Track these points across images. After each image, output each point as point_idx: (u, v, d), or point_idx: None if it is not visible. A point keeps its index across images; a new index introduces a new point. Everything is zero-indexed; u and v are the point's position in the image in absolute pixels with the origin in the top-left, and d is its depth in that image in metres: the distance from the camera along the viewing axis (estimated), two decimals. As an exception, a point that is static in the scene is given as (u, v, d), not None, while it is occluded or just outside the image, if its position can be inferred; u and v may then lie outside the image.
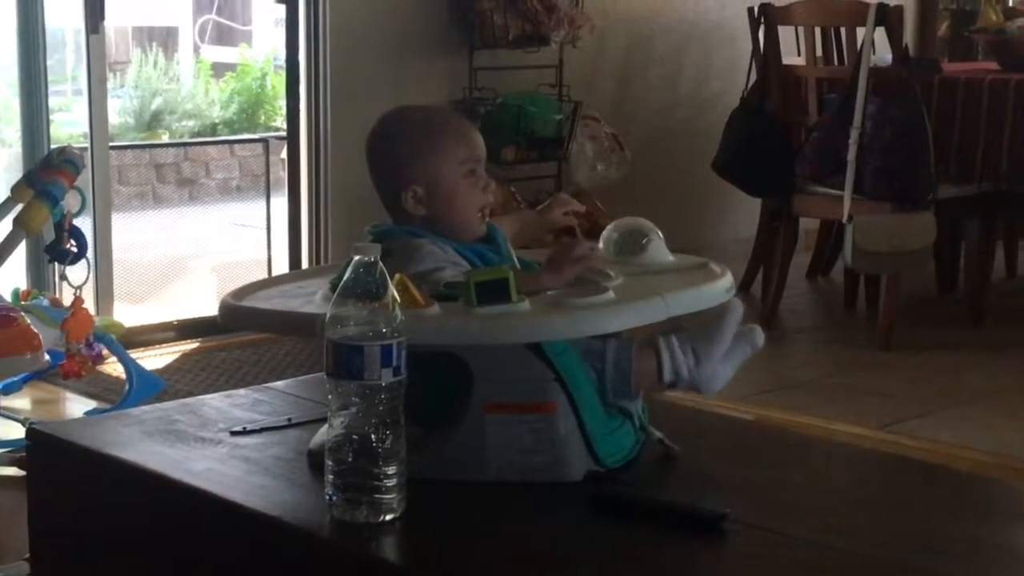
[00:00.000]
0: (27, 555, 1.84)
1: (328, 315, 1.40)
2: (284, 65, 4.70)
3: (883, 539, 1.45)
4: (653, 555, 1.39)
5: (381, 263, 1.40)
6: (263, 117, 8.31)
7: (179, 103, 8.26)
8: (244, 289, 1.75)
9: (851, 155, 4.14)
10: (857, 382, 3.92)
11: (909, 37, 4.53)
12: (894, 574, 1.35)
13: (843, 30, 4.58)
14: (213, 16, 9.43)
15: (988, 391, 3.81)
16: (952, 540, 1.46)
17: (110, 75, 7.35)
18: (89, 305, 3.65)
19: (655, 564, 1.37)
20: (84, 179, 3.74)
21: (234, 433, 1.72)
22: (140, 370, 3.58)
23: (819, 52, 4.61)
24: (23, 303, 3.51)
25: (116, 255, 4.49)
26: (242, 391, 1.93)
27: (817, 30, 4.58)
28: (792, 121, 4.54)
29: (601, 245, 1.79)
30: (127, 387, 3.51)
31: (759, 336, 1.67)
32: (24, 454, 1.89)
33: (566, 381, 1.54)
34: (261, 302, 1.70)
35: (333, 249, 4.51)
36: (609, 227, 1.81)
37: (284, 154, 4.91)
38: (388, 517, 1.41)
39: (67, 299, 3.51)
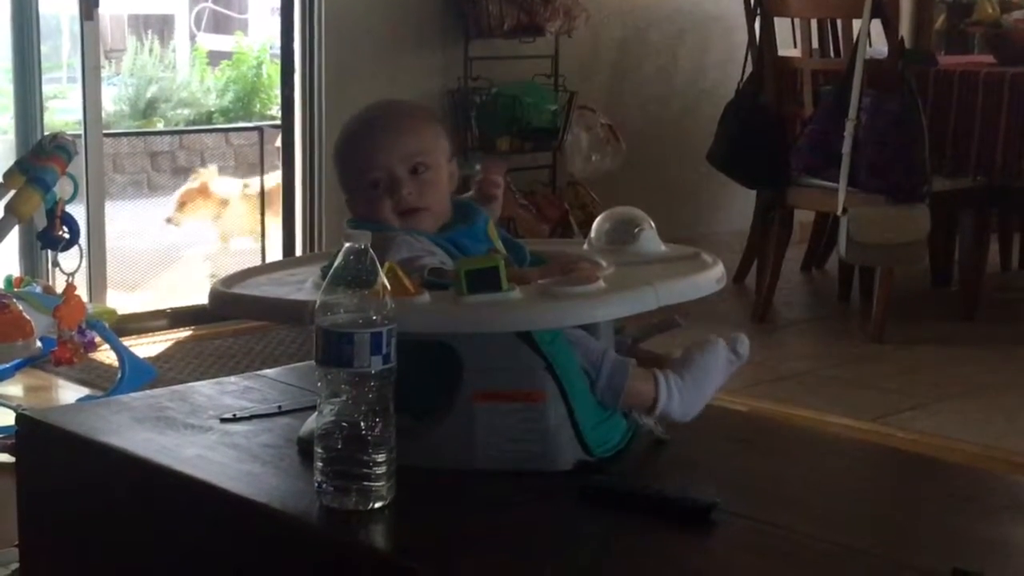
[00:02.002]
0: (17, 542, 1.84)
1: (318, 302, 1.40)
2: (279, 54, 4.69)
3: (873, 531, 1.45)
4: (642, 545, 1.38)
5: (372, 251, 1.40)
6: (258, 106, 8.30)
7: (175, 91, 8.24)
8: (234, 276, 1.75)
9: (846, 147, 4.14)
10: (850, 374, 3.92)
11: (905, 29, 4.52)
12: (883, 566, 1.35)
13: (839, 22, 4.58)
14: (209, 4, 9.41)
15: (981, 384, 3.82)
16: (943, 532, 1.46)
17: (106, 63, 7.35)
18: (82, 292, 3.66)
19: (644, 553, 1.37)
20: (78, 166, 3.74)
21: (224, 420, 1.72)
22: (132, 358, 3.58)
23: (815, 44, 4.61)
24: (15, 290, 3.51)
25: (110, 243, 4.49)
26: (232, 378, 1.92)
27: (813, 22, 4.58)
28: (787, 113, 4.54)
29: (593, 234, 1.79)
30: (119, 375, 3.52)
31: (745, 344, 1.67)
32: (14, 440, 1.89)
33: (556, 370, 1.53)
34: (251, 289, 1.69)
35: (326, 238, 4.50)
36: (601, 216, 1.81)
37: (279, 143, 4.91)
38: (377, 505, 1.41)
39: (60, 286, 3.51)
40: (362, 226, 1.65)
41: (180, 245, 5.84)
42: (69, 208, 3.39)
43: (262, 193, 5.39)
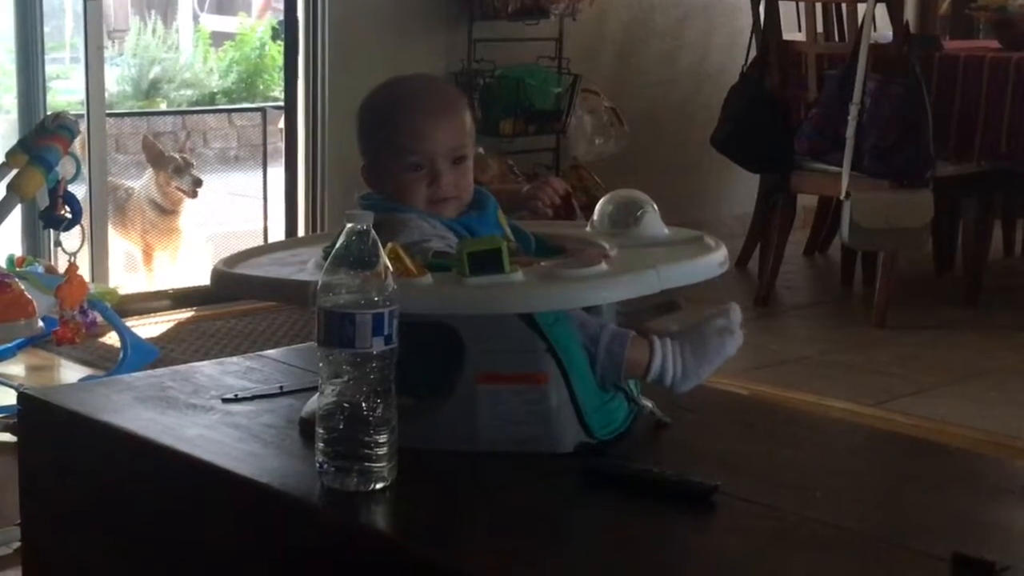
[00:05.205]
0: (18, 521, 1.84)
1: (320, 283, 1.40)
2: (283, 35, 4.68)
3: (873, 514, 1.45)
4: (643, 527, 1.39)
5: (374, 231, 1.39)
6: (261, 87, 8.28)
7: (177, 72, 8.22)
8: (237, 256, 1.75)
9: (850, 132, 4.14)
10: (852, 359, 3.92)
11: (910, 14, 4.50)
12: (884, 549, 1.35)
13: (844, 6, 4.57)
14: (212, -15, 9.39)
15: (983, 369, 3.82)
16: (943, 516, 1.46)
17: (109, 43, 7.32)
18: (84, 272, 3.65)
19: (645, 535, 1.37)
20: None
21: (226, 400, 1.72)
22: (134, 338, 3.58)
23: (820, 28, 4.60)
24: (18, 269, 3.51)
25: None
26: (234, 359, 1.93)
27: (818, 6, 4.57)
28: (791, 97, 4.53)
29: (596, 217, 1.79)
30: (121, 355, 3.52)
31: (737, 341, 1.65)
32: (16, 420, 1.89)
33: (559, 352, 1.53)
34: (253, 269, 1.70)
35: (329, 220, 4.50)
36: (604, 199, 1.80)
37: (282, 124, 4.90)
38: (378, 486, 1.41)
39: (62, 266, 3.51)
40: (377, 201, 1.66)
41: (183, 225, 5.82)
42: (71, 188, 3.39)
43: (264, 175, 5.38)
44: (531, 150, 4.78)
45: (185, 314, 4.24)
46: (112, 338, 3.71)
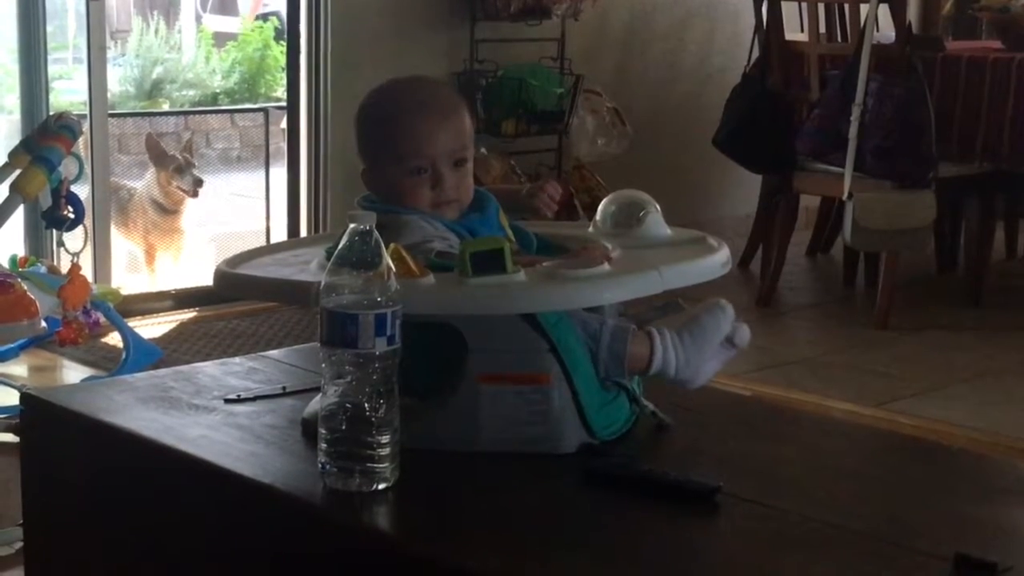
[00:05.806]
0: (21, 521, 1.85)
1: (323, 283, 1.40)
2: (286, 35, 4.68)
3: (875, 514, 1.45)
4: (645, 527, 1.39)
5: (376, 232, 1.40)
6: (264, 87, 8.28)
7: (180, 72, 8.22)
8: (239, 256, 1.75)
9: (852, 132, 4.14)
10: (854, 360, 3.92)
11: (912, 14, 4.51)
12: (885, 549, 1.35)
13: (846, 6, 4.57)
14: (215, -15, 9.39)
15: (984, 370, 3.82)
16: (945, 517, 1.46)
17: (111, 43, 7.33)
18: (87, 273, 3.65)
19: (647, 536, 1.37)
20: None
21: (228, 401, 1.72)
22: (137, 338, 3.58)
23: (822, 28, 4.60)
24: (21, 270, 3.52)
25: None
26: (237, 359, 1.93)
27: (820, 6, 4.57)
28: (794, 97, 4.53)
29: (598, 218, 1.79)
30: (124, 355, 3.52)
31: (745, 334, 1.66)
32: (19, 420, 1.89)
33: (561, 352, 1.53)
34: (256, 269, 1.70)
35: (331, 220, 4.50)
36: (606, 199, 1.80)
37: (284, 124, 4.90)
38: (381, 486, 1.41)
39: (65, 266, 3.51)
40: (378, 203, 1.66)
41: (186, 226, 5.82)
42: (74, 188, 3.39)
43: (267, 176, 5.39)
44: (533, 150, 4.78)
45: (188, 314, 4.24)
46: (115, 338, 3.71)
